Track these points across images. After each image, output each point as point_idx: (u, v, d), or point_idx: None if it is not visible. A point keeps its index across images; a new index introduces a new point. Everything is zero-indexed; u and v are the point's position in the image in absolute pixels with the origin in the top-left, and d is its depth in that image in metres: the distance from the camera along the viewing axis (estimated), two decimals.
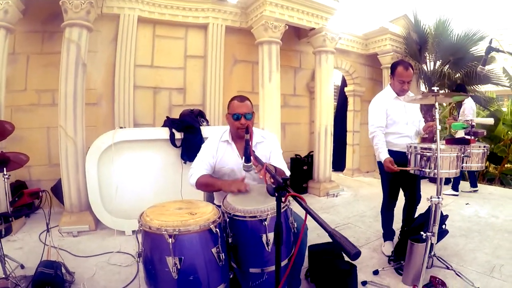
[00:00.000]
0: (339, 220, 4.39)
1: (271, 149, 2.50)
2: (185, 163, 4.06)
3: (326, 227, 1.22)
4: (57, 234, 3.82)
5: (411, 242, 2.68)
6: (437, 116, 2.43)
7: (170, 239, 1.63)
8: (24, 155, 2.91)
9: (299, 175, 6.08)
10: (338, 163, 8.01)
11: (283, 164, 2.46)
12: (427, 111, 6.65)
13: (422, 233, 2.45)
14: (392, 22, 7.06)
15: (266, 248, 1.84)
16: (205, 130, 4.13)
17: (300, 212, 2.14)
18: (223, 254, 1.77)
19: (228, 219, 1.91)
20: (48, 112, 4.69)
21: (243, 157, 2.40)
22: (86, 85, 4.66)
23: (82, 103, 4.15)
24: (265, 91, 5.18)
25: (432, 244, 2.50)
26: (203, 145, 2.55)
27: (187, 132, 4.07)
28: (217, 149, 2.45)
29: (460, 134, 4.73)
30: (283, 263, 1.93)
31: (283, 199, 1.49)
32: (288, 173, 2.44)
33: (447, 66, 7.15)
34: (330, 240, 1.26)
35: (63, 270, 2.75)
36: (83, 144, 4.13)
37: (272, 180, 2.11)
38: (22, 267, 2.90)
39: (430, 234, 2.42)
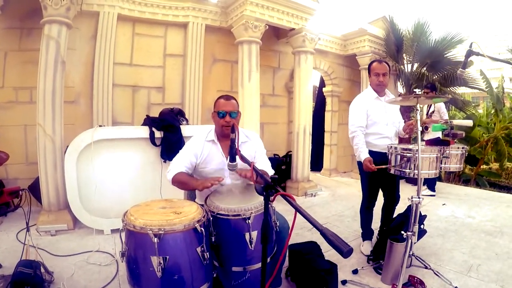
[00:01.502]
0: (318, 219, 4.43)
1: (256, 149, 2.56)
2: (164, 162, 4.06)
3: (317, 225, 1.26)
4: (34, 233, 3.77)
5: (390, 242, 2.76)
6: (418, 117, 2.53)
7: (155, 238, 1.64)
8: (4, 153, 2.90)
9: (277, 174, 6.09)
10: (316, 163, 8.15)
11: (267, 164, 2.55)
12: (404, 112, 6.86)
13: (402, 232, 2.56)
14: (371, 24, 7.25)
15: (249, 246, 1.89)
16: (185, 129, 4.15)
17: (283, 210, 2.22)
18: (207, 253, 1.80)
19: (211, 218, 1.93)
20: (26, 110, 4.59)
21: (228, 156, 2.48)
22: (64, 82, 4.63)
23: (61, 101, 4.11)
24: (244, 91, 5.24)
25: (412, 243, 2.58)
26: (187, 143, 2.56)
27: (167, 131, 4.08)
28: (203, 149, 2.47)
29: (432, 135, 4.88)
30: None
31: (271, 198, 1.52)
32: (272, 172, 2.51)
33: (425, 68, 7.41)
34: (311, 239, 1.32)
35: (42, 270, 2.71)
36: (62, 143, 4.09)
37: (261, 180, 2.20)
38: (0, 266, 2.87)
39: (411, 233, 2.52)
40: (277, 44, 6.50)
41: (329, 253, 3.26)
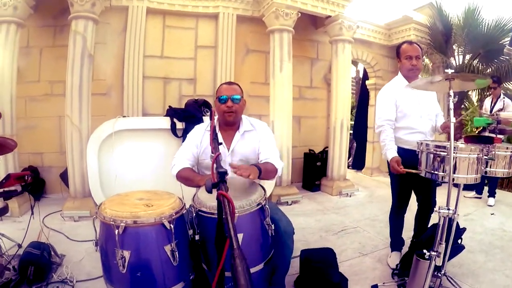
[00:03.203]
0: (348, 223, 4.07)
1: (260, 138, 2.32)
2: None
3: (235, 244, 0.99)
4: (59, 218, 3.95)
5: (416, 258, 2.26)
6: (451, 106, 2.02)
7: (117, 230, 1.54)
8: (12, 140, 2.94)
9: (312, 171, 5.83)
10: (358, 161, 7.70)
11: (274, 154, 2.28)
12: (454, 108, 6.17)
13: (425, 251, 2.09)
14: (417, 11, 6.65)
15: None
16: (208, 120, 4.02)
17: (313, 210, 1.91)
18: (177, 252, 1.63)
19: (194, 215, 1.77)
20: (60, 102, 4.73)
21: (229, 148, 2.26)
22: (96, 75, 4.85)
23: (88, 93, 4.24)
24: (276, 82, 4.99)
25: (441, 263, 2.12)
26: (188, 135, 2.41)
27: (188, 122, 3.99)
28: (202, 139, 2.30)
29: None
30: (257, 268, 1.78)
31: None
32: (280, 164, 2.26)
33: (477, 59, 6.62)
34: (334, 245, 1.05)
35: (52, 252, 2.81)
36: (89, 133, 4.17)
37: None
38: (20, 246, 2.91)
39: (435, 254, 2.03)
40: (315, 34, 6.16)
41: (349, 263, 2.96)
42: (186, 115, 3.98)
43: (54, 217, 4.01)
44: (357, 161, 7.78)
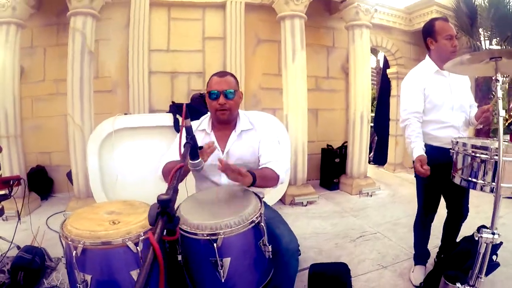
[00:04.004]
0: (368, 227, 3.69)
1: (261, 139, 1.97)
2: None
3: None
4: (63, 219, 3.75)
5: (444, 281, 1.94)
6: (499, 93, 1.59)
7: (75, 251, 1.33)
8: None
9: (330, 168, 5.45)
10: (380, 156, 7.23)
11: (276, 157, 1.91)
12: (482, 97, 5.67)
13: (458, 285, 1.71)
14: None
15: (220, 277, 1.38)
16: (203, 118, 3.78)
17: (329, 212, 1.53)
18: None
19: None
20: (65, 101, 4.64)
21: (224, 150, 1.95)
22: (100, 73, 4.76)
23: (89, 91, 4.14)
24: (288, 72, 4.65)
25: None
26: (178, 135, 2.13)
27: (193, 118, 3.73)
28: None
29: None
30: None
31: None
32: (282, 171, 1.88)
33: (505, 42, 6.04)
34: (351, 253, 0.76)
35: (46, 257, 2.70)
36: (91, 132, 3.99)
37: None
38: (18, 248, 2.79)
39: None
40: (330, 20, 5.74)
41: (366, 277, 2.61)
42: (190, 111, 3.72)
43: (58, 218, 3.94)
44: (379, 156, 7.32)
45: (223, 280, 1.38)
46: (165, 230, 0.91)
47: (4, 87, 4.10)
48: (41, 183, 4.80)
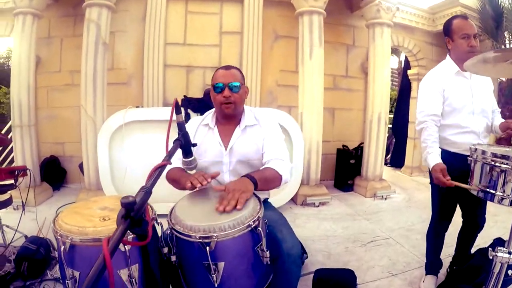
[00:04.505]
0: (380, 232, 3.56)
1: (265, 135, 1.87)
2: None
3: None
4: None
5: None
6: None
7: (63, 247, 1.29)
8: (4, 135, 2.84)
9: (345, 169, 5.32)
10: (398, 158, 7.04)
11: (279, 155, 1.81)
12: (505, 102, 5.43)
13: None
14: None
15: (212, 281, 1.31)
16: (207, 112, 3.74)
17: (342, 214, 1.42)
18: (136, 279, 1.31)
19: (169, 232, 1.43)
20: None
21: (227, 146, 1.84)
22: (116, 64, 4.75)
23: (103, 83, 4.12)
24: (305, 69, 4.53)
25: None
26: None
27: (204, 112, 3.68)
28: (195, 135, 1.88)
29: None
30: None
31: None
32: (286, 168, 1.78)
33: None
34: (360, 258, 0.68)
35: (51, 248, 2.65)
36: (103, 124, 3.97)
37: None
38: (26, 237, 2.80)
39: None
40: (350, 18, 5.60)
41: (375, 284, 2.51)
42: (202, 105, 3.67)
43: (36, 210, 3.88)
44: (396, 158, 7.15)
45: (216, 285, 1.31)
46: (132, 235, 0.87)
47: (19, 77, 4.12)
48: (54, 173, 4.83)
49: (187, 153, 1.43)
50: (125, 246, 1.27)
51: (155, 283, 1.39)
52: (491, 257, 1.48)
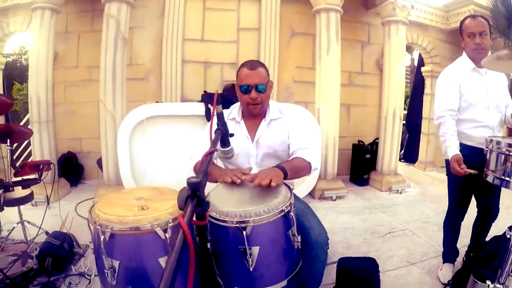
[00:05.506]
0: (396, 224, 3.61)
1: (290, 128, 1.91)
2: None
3: None
4: (91, 205, 3.79)
5: (474, 279, 1.85)
6: None
7: (103, 236, 1.31)
8: (28, 129, 2.88)
9: (361, 164, 5.38)
10: (411, 154, 7.09)
11: (306, 145, 1.85)
12: None
13: (488, 283, 1.69)
14: None
15: (247, 265, 1.36)
16: (232, 107, 3.77)
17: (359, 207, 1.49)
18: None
19: None
20: (98, 87, 4.69)
21: (253, 139, 1.88)
22: (134, 60, 4.77)
23: (122, 77, 4.13)
24: (322, 66, 4.56)
25: None
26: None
27: (224, 108, 3.70)
28: None
29: None
30: (279, 286, 1.47)
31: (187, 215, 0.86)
32: (314, 157, 1.82)
33: None
34: (378, 250, 0.71)
35: (74, 243, 2.73)
36: (123, 119, 4.01)
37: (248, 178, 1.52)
38: (47, 233, 2.82)
39: (500, 287, 1.63)
40: (366, 15, 5.63)
41: (394, 273, 2.57)
42: (222, 101, 3.68)
43: (86, 205, 3.92)
44: (409, 153, 7.21)
45: (251, 269, 1.36)
46: (194, 215, 0.89)
47: (37, 72, 4.12)
48: (71, 169, 4.85)
49: (225, 142, 1.48)
50: (166, 234, 1.31)
51: (210, 264, 1.43)
52: (508, 236, 1.63)
